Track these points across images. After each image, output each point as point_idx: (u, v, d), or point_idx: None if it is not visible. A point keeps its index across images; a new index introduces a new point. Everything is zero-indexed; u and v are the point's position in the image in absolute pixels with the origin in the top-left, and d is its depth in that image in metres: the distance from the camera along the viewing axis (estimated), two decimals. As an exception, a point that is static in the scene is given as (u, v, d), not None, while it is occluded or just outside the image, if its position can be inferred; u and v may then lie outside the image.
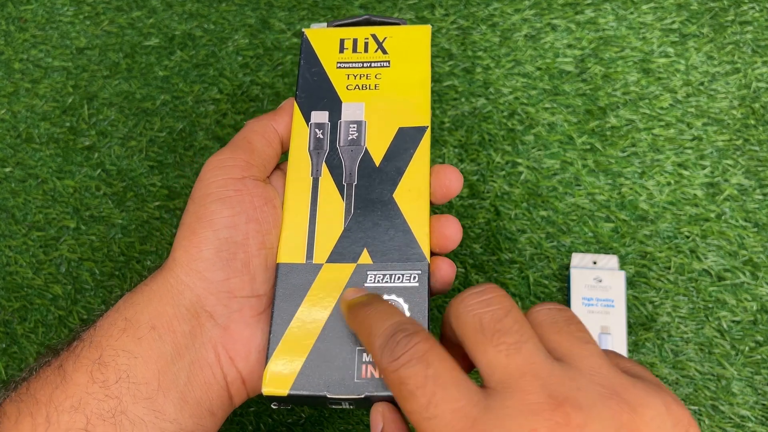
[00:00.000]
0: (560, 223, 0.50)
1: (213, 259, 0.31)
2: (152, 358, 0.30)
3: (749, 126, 0.52)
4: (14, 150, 0.55)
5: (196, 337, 0.31)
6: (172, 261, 0.32)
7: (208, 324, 0.31)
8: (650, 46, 0.54)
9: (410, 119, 0.35)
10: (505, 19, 0.56)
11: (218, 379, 0.31)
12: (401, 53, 0.37)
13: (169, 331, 0.31)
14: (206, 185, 0.33)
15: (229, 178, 0.33)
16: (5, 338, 0.49)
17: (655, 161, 0.51)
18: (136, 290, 0.32)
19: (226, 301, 0.32)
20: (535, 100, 0.53)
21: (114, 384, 0.29)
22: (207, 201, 0.32)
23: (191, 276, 0.31)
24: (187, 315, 0.31)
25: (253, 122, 0.36)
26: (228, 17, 0.58)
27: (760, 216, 0.49)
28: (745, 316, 0.47)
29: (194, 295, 0.31)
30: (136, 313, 0.31)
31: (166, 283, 0.31)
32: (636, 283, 0.48)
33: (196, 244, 0.31)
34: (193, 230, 0.32)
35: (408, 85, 0.36)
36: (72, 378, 0.29)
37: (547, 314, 0.26)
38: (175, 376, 0.30)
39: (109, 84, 0.56)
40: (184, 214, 0.33)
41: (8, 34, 0.59)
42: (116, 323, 0.31)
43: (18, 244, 0.52)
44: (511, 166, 0.52)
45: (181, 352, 0.31)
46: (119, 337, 0.30)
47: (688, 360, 0.46)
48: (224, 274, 0.31)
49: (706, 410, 0.45)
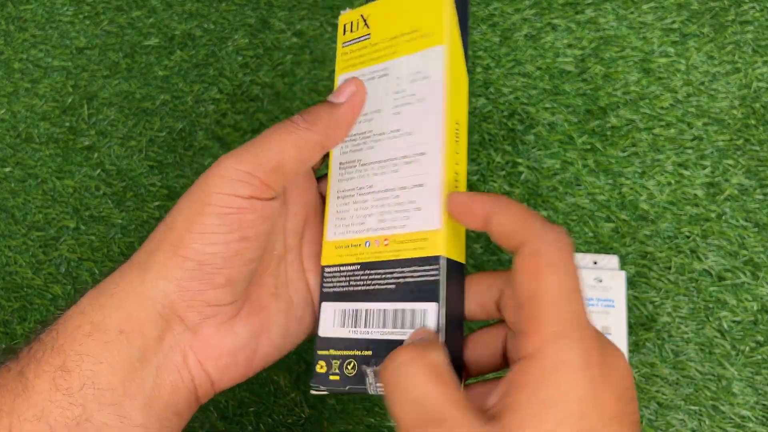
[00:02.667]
0: (560, 223, 0.50)
1: (195, 271, 0.30)
2: (118, 363, 0.29)
3: (750, 126, 0.52)
4: (14, 150, 0.55)
5: (165, 341, 0.30)
6: (152, 263, 0.30)
7: (178, 328, 0.31)
8: (651, 45, 0.54)
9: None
10: (506, 18, 0.56)
11: (186, 383, 0.31)
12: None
13: (138, 335, 0.29)
14: (209, 194, 0.30)
15: (235, 196, 0.30)
16: (5, 338, 0.49)
17: (656, 161, 0.51)
18: (103, 290, 0.30)
19: (200, 309, 0.31)
20: (535, 99, 0.53)
21: (78, 391, 0.28)
22: (204, 211, 0.30)
23: (168, 282, 0.30)
24: (158, 319, 0.30)
25: (301, 133, 0.31)
26: (228, 17, 0.58)
27: (760, 216, 0.49)
28: (745, 316, 0.47)
29: (168, 301, 0.30)
30: (104, 316, 0.30)
31: (141, 286, 0.30)
32: (636, 283, 0.48)
33: (182, 255, 0.30)
34: (182, 239, 0.30)
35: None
36: (34, 385, 0.28)
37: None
38: (141, 381, 0.29)
39: (109, 84, 0.56)
40: (175, 213, 0.31)
41: (8, 34, 0.59)
42: (81, 327, 0.29)
43: (18, 244, 0.52)
44: (511, 166, 0.52)
45: (149, 357, 0.30)
46: (84, 342, 0.29)
47: (689, 360, 0.46)
48: (203, 286, 0.30)
49: (707, 410, 0.45)
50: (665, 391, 0.46)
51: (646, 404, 0.46)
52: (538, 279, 0.25)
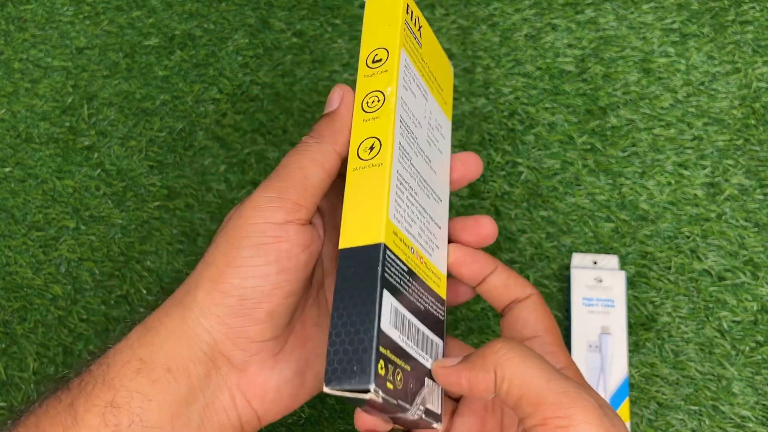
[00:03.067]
0: (560, 223, 0.50)
1: (236, 307, 0.30)
2: (166, 401, 0.29)
3: (750, 126, 0.52)
4: (14, 150, 0.55)
5: (211, 380, 0.30)
6: (192, 301, 0.30)
7: (224, 367, 0.31)
8: (651, 45, 0.54)
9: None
10: (506, 18, 0.56)
11: (233, 421, 0.31)
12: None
13: (184, 374, 0.30)
14: (244, 226, 0.30)
15: (270, 224, 0.30)
16: (5, 338, 0.49)
17: (656, 161, 0.51)
18: (150, 327, 0.31)
19: (245, 346, 0.31)
20: (535, 99, 0.53)
21: (127, 427, 0.28)
22: (241, 244, 0.30)
23: (210, 320, 0.30)
24: (203, 358, 0.30)
25: (313, 147, 0.32)
26: (228, 17, 0.58)
27: (760, 216, 0.49)
28: (745, 316, 0.47)
29: (212, 339, 0.30)
30: (151, 353, 0.30)
31: (183, 324, 0.30)
32: (636, 283, 0.48)
33: (222, 290, 0.30)
34: (221, 273, 0.30)
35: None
36: (84, 419, 0.28)
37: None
38: (188, 419, 0.29)
39: (109, 84, 0.56)
40: (213, 249, 0.31)
41: (8, 34, 0.59)
42: (131, 363, 0.30)
43: (18, 244, 0.52)
44: (511, 165, 0.52)
45: (196, 395, 0.30)
46: (133, 378, 0.29)
47: (689, 360, 0.46)
48: (245, 322, 0.30)
49: (707, 410, 0.45)
50: (665, 391, 0.46)
51: (646, 404, 0.46)
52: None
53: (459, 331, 0.48)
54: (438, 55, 0.37)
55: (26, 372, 0.48)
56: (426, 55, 0.35)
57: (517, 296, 0.33)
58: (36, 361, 0.49)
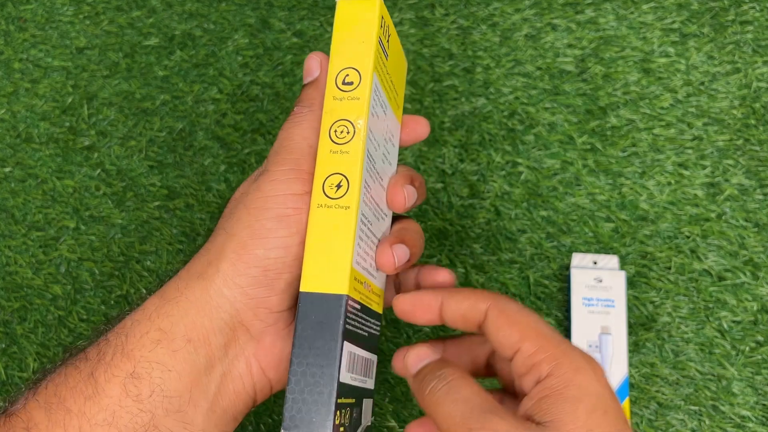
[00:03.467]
0: (560, 223, 0.50)
1: (259, 277, 0.31)
2: (186, 371, 0.30)
3: (750, 126, 0.52)
4: (14, 150, 0.55)
5: (230, 349, 0.31)
6: (215, 272, 0.31)
7: (243, 337, 0.31)
8: (651, 45, 0.54)
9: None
10: (506, 18, 0.56)
11: (247, 389, 0.32)
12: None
13: (204, 344, 0.30)
14: (264, 198, 0.31)
15: (290, 194, 0.31)
16: (5, 338, 0.49)
17: (656, 161, 0.51)
18: (167, 298, 0.31)
19: (264, 316, 0.31)
20: (535, 99, 0.53)
21: (147, 398, 0.29)
22: (264, 216, 0.31)
23: (233, 290, 0.31)
24: (224, 328, 0.31)
25: (308, 116, 0.33)
26: (228, 17, 0.58)
27: (760, 216, 0.49)
28: (745, 316, 0.47)
29: (234, 309, 0.31)
30: (171, 324, 0.30)
31: (205, 295, 0.31)
32: (636, 283, 0.48)
33: (245, 261, 0.31)
34: (245, 245, 0.31)
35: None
36: (105, 390, 0.29)
37: None
38: (206, 388, 0.30)
39: (109, 84, 0.56)
40: (234, 222, 0.32)
41: (8, 34, 0.59)
42: (149, 333, 0.30)
43: (18, 244, 0.52)
44: (511, 166, 0.52)
45: (214, 365, 0.31)
46: (153, 349, 0.30)
47: (689, 360, 0.46)
48: (267, 292, 0.31)
49: (707, 410, 0.45)
50: (665, 391, 0.46)
51: (646, 404, 0.46)
52: (514, 327, 0.29)
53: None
54: (398, 56, 0.37)
55: (26, 372, 0.48)
56: (391, 65, 0.35)
57: (477, 320, 0.31)
58: (36, 361, 0.49)
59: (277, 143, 0.33)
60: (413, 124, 0.37)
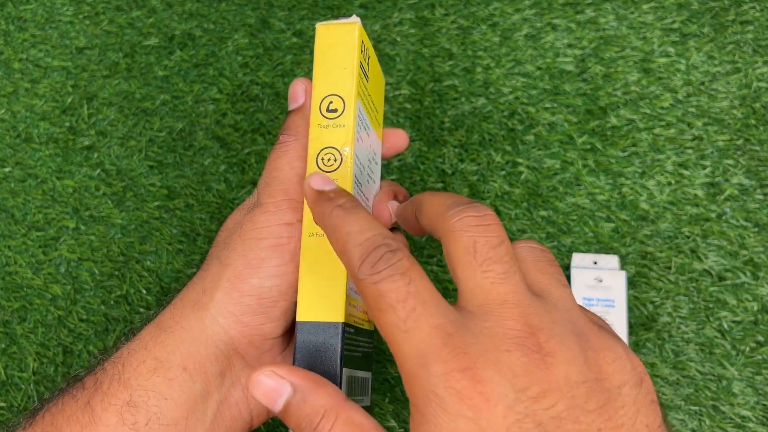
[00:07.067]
0: (560, 223, 0.50)
1: (254, 305, 0.31)
2: (182, 399, 0.30)
3: (750, 126, 0.51)
4: (14, 150, 0.55)
5: (226, 377, 0.31)
6: (210, 301, 0.31)
7: (239, 364, 0.32)
8: (651, 45, 0.54)
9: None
10: (506, 18, 0.56)
11: (244, 415, 0.32)
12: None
13: (200, 372, 0.31)
14: (259, 230, 0.32)
15: (283, 224, 0.32)
16: (5, 338, 0.49)
17: (656, 161, 0.51)
18: (164, 327, 0.32)
19: (259, 343, 0.32)
20: (535, 99, 0.53)
21: (144, 426, 0.29)
22: (258, 246, 0.31)
23: (227, 318, 0.31)
24: (219, 356, 0.31)
25: (293, 145, 0.33)
26: (228, 17, 0.58)
27: (760, 216, 0.49)
28: (745, 316, 0.47)
29: (228, 337, 0.31)
30: (167, 353, 0.31)
31: (200, 323, 0.31)
32: (636, 283, 0.48)
33: (240, 290, 0.31)
34: (239, 275, 0.31)
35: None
36: (101, 418, 0.29)
37: (531, 252, 0.27)
38: (203, 416, 0.30)
39: (109, 84, 0.56)
40: (228, 251, 0.32)
41: (8, 34, 0.59)
42: (146, 362, 0.30)
43: (17, 244, 0.52)
44: (511, 166, 0.52)
45: (211, 392, 0.31)
46: (150, 377, 0.30)
47: (689, 360, 0.46)
48: (262, 319, 0.31)
49: (707, 411, 0.45)
50: (665, 391, 0.46)
51: (646, 404, 0.46)
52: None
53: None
54: (378, 76, 0.37)
55: (26, 372, 0.48)
56: (371, 86, 0.35)
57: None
58: (36, 361, 0.49)
59: (266, 173, 0.33)
60: (393, 138, 0.38)
